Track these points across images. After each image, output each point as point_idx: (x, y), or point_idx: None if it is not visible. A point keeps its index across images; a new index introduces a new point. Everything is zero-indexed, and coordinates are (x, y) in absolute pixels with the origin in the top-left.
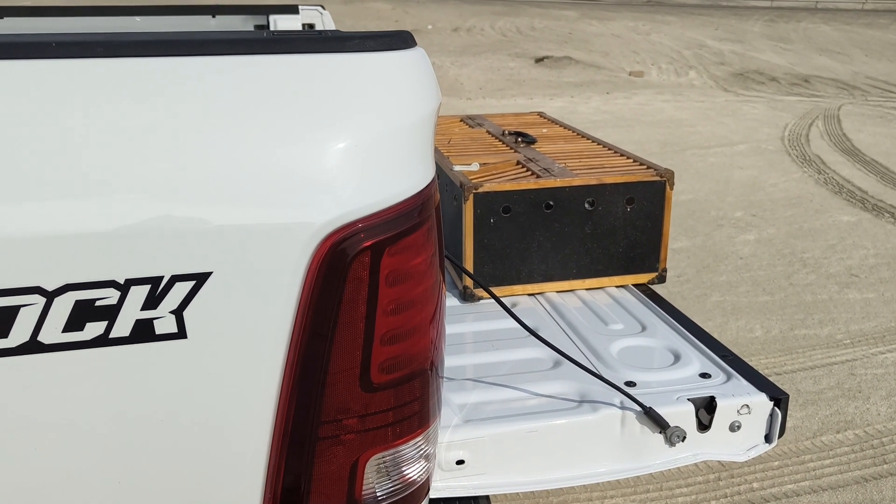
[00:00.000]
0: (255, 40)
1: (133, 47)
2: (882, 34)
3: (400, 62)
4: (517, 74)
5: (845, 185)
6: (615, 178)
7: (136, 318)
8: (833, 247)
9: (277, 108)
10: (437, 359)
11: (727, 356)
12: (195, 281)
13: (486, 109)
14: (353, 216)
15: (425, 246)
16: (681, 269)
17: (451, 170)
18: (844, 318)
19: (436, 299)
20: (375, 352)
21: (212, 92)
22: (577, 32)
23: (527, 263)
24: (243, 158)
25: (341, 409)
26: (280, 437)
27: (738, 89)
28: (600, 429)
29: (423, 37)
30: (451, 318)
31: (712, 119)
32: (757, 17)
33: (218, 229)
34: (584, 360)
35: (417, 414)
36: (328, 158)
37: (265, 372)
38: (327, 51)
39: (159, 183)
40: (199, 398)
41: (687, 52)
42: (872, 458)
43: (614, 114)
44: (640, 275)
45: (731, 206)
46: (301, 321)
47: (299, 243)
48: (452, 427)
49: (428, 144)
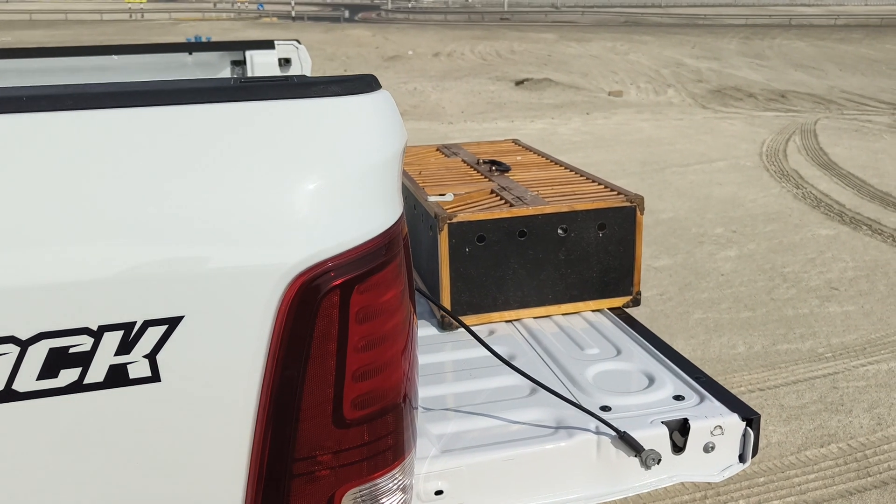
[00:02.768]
0: (222, 88)
1: (101, 99)
2: (855, 49)
3: (364, 105)
4: (498, 97)
5: (823, 199)
6: (587, 204)
7: (109, 364)
8: (812, 260)
9: (245, 154)
10: (410, 391)
11: (700, 378)
12: (167, 325)
13: (467, 133)
14: (322, 256)
15: (395, 282)
16: (663, 287)
17: (426, 200)
18: (825, 331)
19: (407, 333)
20: (347, 388)
21: (180, 140)
22: (555, 54)
23: (503, 291)
24: (212, 203)
25: (315, 446)
26: (255, 476)
27: (716, 106)
28: (576, 454)
29: (404, 62)
30: (429, 347)
31: (691, 137)
32: (732, 35)
33: (189, 274)
34: (561, 386)
35: (392, 448)
36: (296, 201)
37: (239, 412)
38: (292, 97)
39: (130, 230)
40: (174, 440)
41: (665, 71)
42: (856, 471)
43: (594, 134)
44: (614, 299)
45: (712, 223)
46: (273, 361)
47: (269, 284)
48: (430, 458)
49: (394, 183)
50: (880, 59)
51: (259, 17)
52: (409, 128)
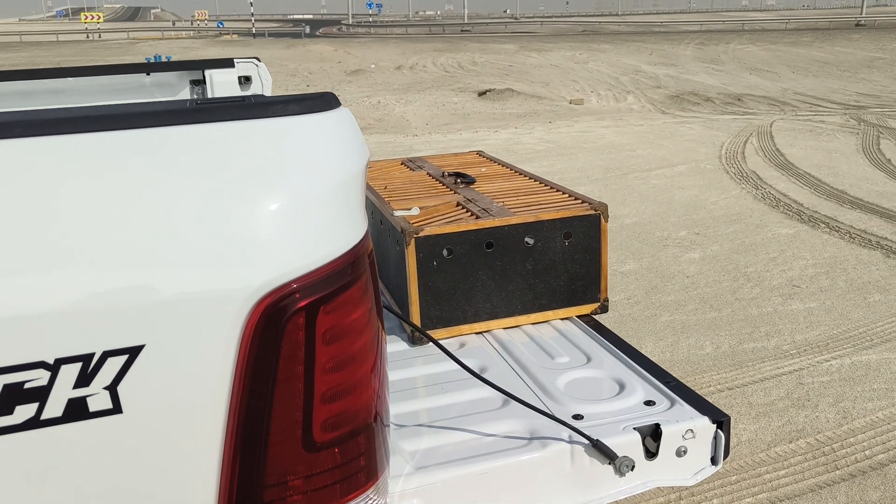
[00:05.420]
0: (179, 111)
1: (54, 125)
2: (806, 51)
3: (324, 123)
4: (462, 109)
5: (782, 199)
6: (552, 214)
7: (68, 398)
8: (774, 259)
9: (203, 177)
10: (381, 409)
11: (670, 382)
12: (128, 355)
13: (432, 144)
14: (285, 278)
15: (362, 300)
16: (630, 291)
17: (392, 215)
18: (790, 328)
19: (376, 351)
20: (317, 411)
21: (137, 165)
22: (517, 65)
23: (472, 303)
24: (170, 228)
25: (286, 472)
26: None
27: (675, 111)
28: (551, 464)
29: (367, 76)
30: (400, 362)
31: (652, 142)
32: (688, 41)
33: (147, 302)
34: (532, 396)
35: (365, 468)
36: (257, 223)
37: (205, 440)
38: (251, 117)
39: (86, 259)
40: (139, 472)
41: (624, 78)
42: (825, 465)
43: (557, 142)
44: (583, 306)
45: (675, 227)
46: (238, 386)
47: (232, 309)
48: (405, 475)
49: (358, 200)
50: (830, 61)
51: (219, 34)
52: (373, 141)
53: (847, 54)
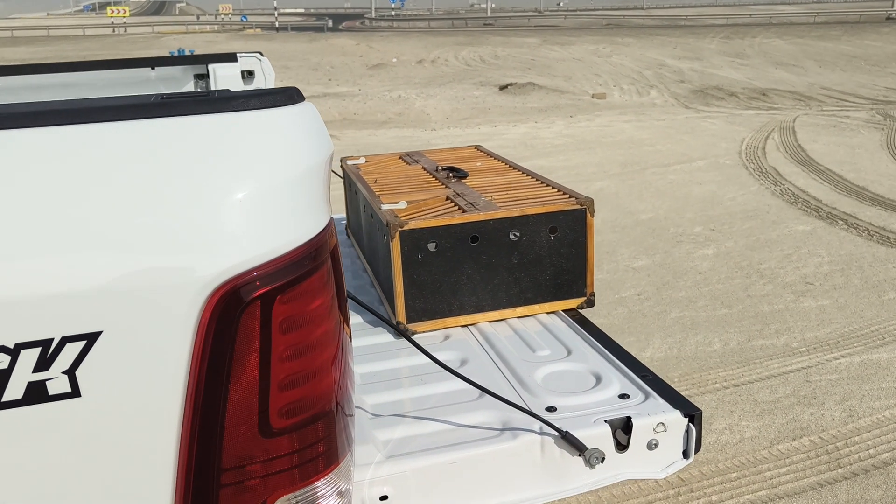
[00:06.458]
0: (142, 105)
1: (19, 119)
2: (834, 45)
3: (286, 117)
4: (482, 103)
5: (801, 196)
6: (537, 208)
7: (28, 381)
8: (789, 256)
9: (166, 169)
10: (342, 398)
11: (646, 376)
12: (86, 341)
13: (449, 139)
14: (242, 268)
15: (323, 290)
16: (641, 287)
17: (379, 208)
18: (800, 326)
19: (337, 341)
20: (273, 398)
21: (98, 156)
22: (539, 59)
23: (458, 296)
24: (130, 217)
25: (242, 456)
26: (182, 489)
27: (698, 106)
28: (521, 456)
29: (388, 70)
30: (384, 354)
31: (672, 137)
32: (713, 35)
33: (106, 289)
34: (510, 388)
35: (324, 454)
36: (216, 213)
37: (162, 425)
38: (213, 111)
39: (44, 246)
40: (97, 455)
41: (647, 72)
42: (827, 463)
43: (576, 137)
44: (568, 300)
45: (690, 222)
46: (195, 372)
47: (188, 297)
48: (375, 463)
49: (320, 192)
50: (859, 55)
51: (243, 28)
52: (391, 135)
53: (876, 48)
